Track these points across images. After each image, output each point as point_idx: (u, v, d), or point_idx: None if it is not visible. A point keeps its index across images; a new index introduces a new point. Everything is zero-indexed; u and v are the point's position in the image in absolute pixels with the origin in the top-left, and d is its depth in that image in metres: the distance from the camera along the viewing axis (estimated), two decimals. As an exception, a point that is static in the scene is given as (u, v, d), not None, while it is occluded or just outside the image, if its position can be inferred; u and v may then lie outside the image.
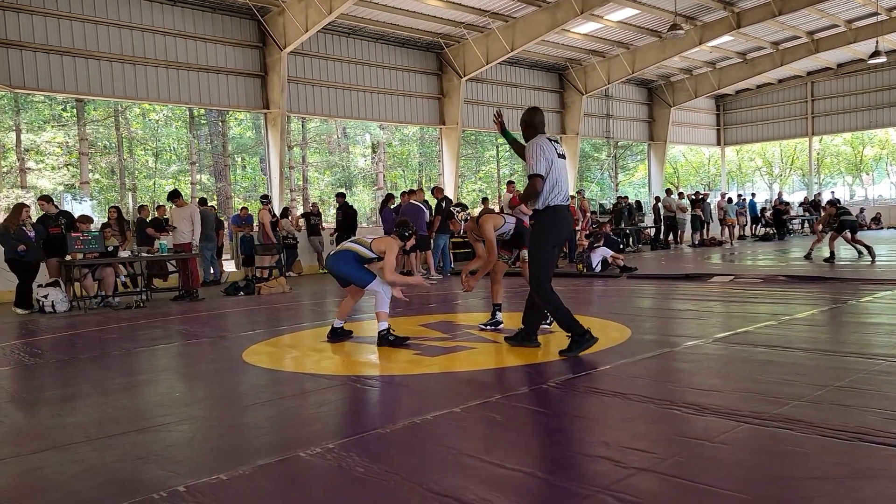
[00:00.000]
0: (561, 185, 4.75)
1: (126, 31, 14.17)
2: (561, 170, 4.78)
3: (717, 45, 22.37)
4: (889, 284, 7.98)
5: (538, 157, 4.66)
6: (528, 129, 4.92)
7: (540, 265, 4.77)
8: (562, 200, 4.77)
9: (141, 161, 25.86)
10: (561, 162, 4.81)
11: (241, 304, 9.75)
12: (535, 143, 4.73)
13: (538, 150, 4.68)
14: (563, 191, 4.78)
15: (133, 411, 3.91)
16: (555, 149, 4.76)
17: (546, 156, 4.68)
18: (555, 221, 4.75)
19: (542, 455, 2.87)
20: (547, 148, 4.71)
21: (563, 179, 4.77)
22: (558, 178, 4.73)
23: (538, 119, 4.95)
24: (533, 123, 4.91)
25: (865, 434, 2.77)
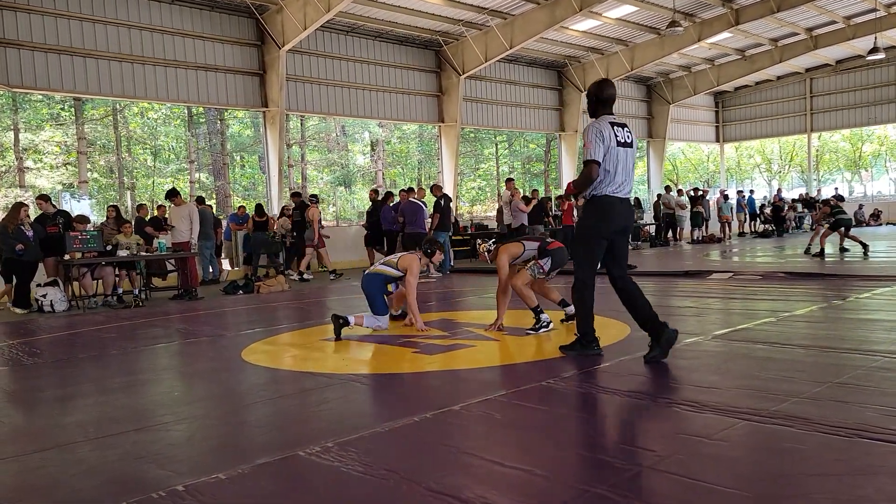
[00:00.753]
0: (617, 175, 4.29)
1: (124, 30, 14.14)
2: (621, 158, 4.31)
3: (716, 41, 22.34)
4: (888, 281, 7.98)
5: (596, 142, 4.23)
6: (596, 104, 4.43)
7: (584, 255, 4.41)
8: (615, 191, 4.31)
9: (140, 160, 25.84)
10: (623, 150, 4.34)
11: (240, 302, 9.75)
12: (593, 126, 4.29)
13: (596, 134, 4.25)
14: (621, 181, 4.32)
15: (132, 410, 3.91)
16: (616, 134, 4.29)
17: (605, 142, 4.24)
18: (600, 213, 4.33)
19: (541, 453, 2.87)
20: (607, 133, 4.26)
21: (621, 169, 4.31)
22: (616, 166, 4.28)
23: (608, 93, 4.42)
24: (603, 98, 4.40)
25: (865, 431, 2.77)
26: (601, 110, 4.41)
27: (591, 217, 4.39)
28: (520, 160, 34.17)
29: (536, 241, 5.97)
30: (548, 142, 30.65)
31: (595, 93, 4.41)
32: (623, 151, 4.33)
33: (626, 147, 4.35)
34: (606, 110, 4.41)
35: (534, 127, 23.47)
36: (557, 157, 25.44)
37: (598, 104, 4.41)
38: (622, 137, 4.33)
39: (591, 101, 4.45)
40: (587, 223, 4.42)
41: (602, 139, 4.24)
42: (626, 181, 4.37)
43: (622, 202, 4.36)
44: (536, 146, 33.11)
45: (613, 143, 4.28)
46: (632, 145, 4.41)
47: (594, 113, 4.43)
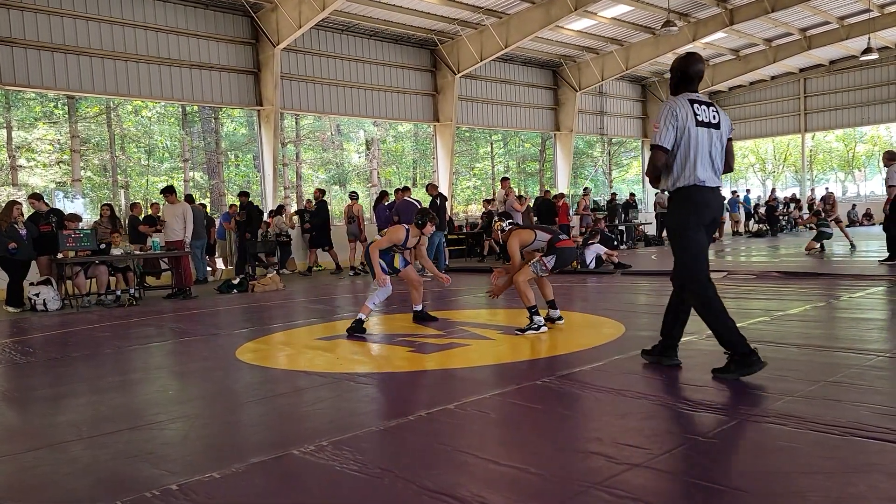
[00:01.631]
0: (698, 161, 3.75)
1: (118, 28, 14.08)
2: (703, 141, 3.75)
3: (711, 41, 22.39)
4: (881, 280, 8.02)
5: (666, 123, 3.73)
6: (679, 81, 3.92)
7: (682, 252, 3.87)
8: (699, 180, 3.76)
9: (134, 158, 25.74)
10: (706, 132, 3.76)
11: (234, 301, 9.72)
12: (666, 105, 3.79)
13: (667, 115, 3.74)
14: (704, 168, 3.77)
15: (126, 409, 3.90)
16: (696, 113, 3.75)
17: (678, 122, 3.72)
18: (684, 206, 3.82)
19: (535, 451, 2.87)
20: (681, 112, 3.73)
21: (703, 153, 3.76)
22: (696, 150, 3.74)
23: (695, 69, 3.87)
24: (689, 75, 3.87)
25: (858, 429, 2.78)
26: (683, 87, 3.89)
27: (681, 210, 3.86)
28: (515, 159, 34.20)
29: (549, 234, 5.79)
30: (543, 141, 30.68)
31: (679, 67, 3.89)
32: (706, 133, 3.76)
33: (709, 128, 3.79)
34: (690, 88, 3.88)
35: (529, 126, 23.48)
36: (552, 157, 25.46)
37: (681, 81, 3.89)
38: (704, 116, 3.77)
39: (673, 77, 3.94)
40: (675, 220, 3.91)
41: (675, 120, 3.72)
42: (712, 167, 3.82)
43: (711, 192, 3.83)
44: (531, 145, 33.14)
45: (691, 123, 3.73)
46: (718, 126, 3.81)
47: (674, 90, 3.93)
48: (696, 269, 3.83)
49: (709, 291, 3.81)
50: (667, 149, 3.73)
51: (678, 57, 3.96)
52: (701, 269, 3.83)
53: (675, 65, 3.92)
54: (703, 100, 3.84)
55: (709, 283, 3.85)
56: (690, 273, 3.84)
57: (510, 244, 5.75)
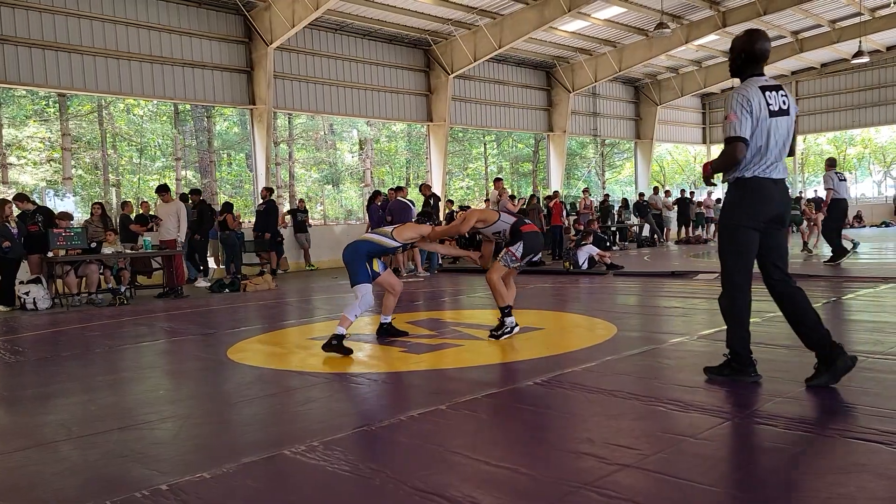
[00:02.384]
0: (770, 151, 3.47)
1: (110, 26, 14.01)
2: (774, 130, 3.47)
3: (703, 43, 22.48)
4: (871, 282, 8.07)
5: (742, 113, 3.40)
6: (744, 62, 3.58)
7: (726, 247, 3.62)
8: (767, 171, 3.49)
9: (125, 157, 25.62)
10: (777, 120, 3.48)
11: (226, 301, 9.69)
12: (738, 93, 3.46)
13: (742, 104, 3.41)
14: (773, 158, 3.50)
15: (116, 409, 3.88)
16: (768, 102, 3.45)
17: (753, 111, 3.41)
18: (748, 198, 3.52)
19: (526, 452, 2.88)
20: (756, 101, 3.42)
21: (774, 143, 3.48)
22: (768, 140, 3.46)
23: (761, 48, 3.55)
24: (755, 54, 3.54)
25: (847, 430, 2.80)
26: (749, 69, 3.56)
27: (736, 204, 3.55)
28: (508, 160, 34.23)
29: (513, 218, 5.55)
30: (536, 142, 30.72)
31: (743, 47, 3.55)
32: (777, 121, 3.48)
33: (780, 115, 3.50)
34: (756, 70, 3.56)
35: (522, 127, 23.51)
36: (546, 158, 25.50)
37: (747, 62, 3.56)
38: (776, 104, 3.48)
39: (736, 58, 3.60)
40: (732, 212, 3.57)
41: (749, 110, 3.42)
42: (781, 158, 3.55)
43: (776, 184, 3.54)
44: (525, 146, 33.17)
45: (765, 114, 3.45)
46: (788, 112, 3.52)
47: (739, 72, 3.60)
48: (735, 268, 3.58)
49: (741, 299, 3.61)
50: (747, 140, 3.40)
51: (740, 36, 3.60)
52: (740, 270, 3.57)
53: (736, 45, 3.57)
54: (771, 84, 3.54)
55: (746, 290, 3.60)
56: (735, 275, 3.59)
57: (467, 214, 5.56)
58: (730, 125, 3.42)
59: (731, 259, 3.60)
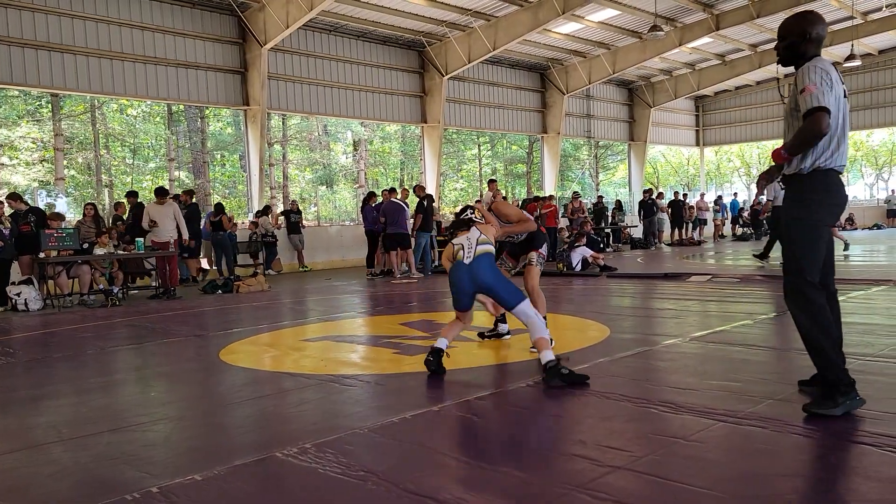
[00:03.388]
0: (844, 139, 3.15)
1: (103, 26, 13.96)
2: (846, 116, 3.16)
3: (697, 46, 22.56)
4: (862, 284, 8.11)
5: (822, 84, 2.99)
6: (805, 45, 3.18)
7: (808, 248, 3.13)
8: (841, 163, 3.16)
9: (118, 157, 25.52)
10: (846, 105, 3.17)
11: (218, 302, 9.67)
12: (815, 65, 3.07)
13: (822, 75, 3.02)
14: (845, 148, 3.19)
15: (107, 411, 3.86)
16: (842, 81, 3.13)
17: (834, 86, 3.04)
18: (828, 192, 3.15)
19: (518, 454, 2.88)
20: (834, 75, 3.06)
21: (846, 130, 3.17)
22: (842, 126, 3.12)
23: (819, 33, 3.19)
24: (815, 38, 3.18)
25: (838, 432, 2.81)
26: (811, 52, 3.18)
27: (813, 200, 3.12)
28: (502, 162, 34.27)
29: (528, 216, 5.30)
30: (530, 144, 30.78)
31: (802, 32, 3.17)
32: (846, 108, 3.17)
33: (846, 104, 3.18)
34: (818, 54, 3.20)
35: (516, 129, 23.54)
36: (540, 159, 25.54)
37: (808, 44, 3.17)
38: (844, 86, 3.17)
39: (792, 42, 3.20)
40: (810, 209, 3.12)
41: (830, 84, 3.02)
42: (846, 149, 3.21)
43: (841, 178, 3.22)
44: (519, 148, 33.23)
45: (841, 93, 3.10)
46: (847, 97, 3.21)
47: (801, 55, 3.19)
48: (812, 271, 3.12)
49: (823, 313, 3.12)
50: (830, 111, 2.97)
51: (797, 17, 3.22)
52: (815, 273, 3.14)
53: (792, 27, 3.19)
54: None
55: (823, 302, 3.15)
56: (810, 284, 3.11)
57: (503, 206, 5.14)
58: (809, 96, 2.98)
59: (810, 268, 3.12)
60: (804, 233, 3.13)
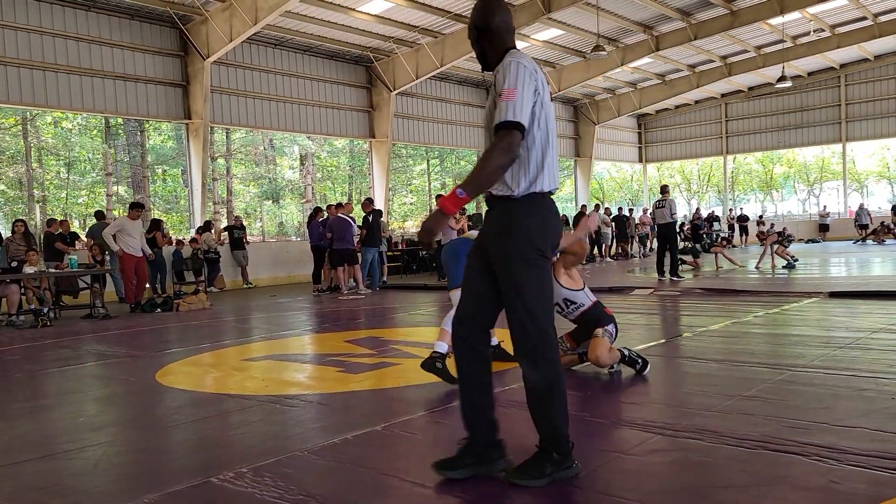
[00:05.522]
0: (555, 157, 2.62)
1: (36, 36, 13.49)
2: (552, 126, 2.62)
3: (638, 66, 23.25)
4: (796, 296, 8.42)
5: (525, 86, 2.43)
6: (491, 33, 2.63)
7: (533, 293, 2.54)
8: (553, 184, 2.61)
9: (52, 172, 24.59)
10: (553, 115, 2.66)
11: (157, 321, 9.37)
12: (517, 62, 2.49)
13: (526, 75, 2.46)
14: (556, 168, 2.65)
15: (34, 438, 3.67)
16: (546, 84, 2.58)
17: (538, 90, 2.49)
18: (543, 217, 2.57)
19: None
20: (540, 77, 2.52)
21: (554, 144, 2.62)
22: (550, 138, 2.58)
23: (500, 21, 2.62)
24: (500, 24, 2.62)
25: (768, 442, 2.89)
26: (506, 42, 2.64)
27: (529, 226, 2.53)
28: (451, 177, 34.46)
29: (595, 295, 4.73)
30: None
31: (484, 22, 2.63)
32: (552, 114, 2.65)
33: (552, 110, 2.67)
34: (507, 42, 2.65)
35: (465, 144, 23.73)
36: (487, 175, 25.74)
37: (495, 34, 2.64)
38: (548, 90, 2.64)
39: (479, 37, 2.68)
40: (528, 235, 2.53)
41: (535, 85, 2.48)
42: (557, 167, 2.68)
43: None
44: (467, 163, 33.46)
45: (547, 98, 2.57)
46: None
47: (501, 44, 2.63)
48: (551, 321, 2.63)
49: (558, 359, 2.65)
50: (525, 127, 2.45)
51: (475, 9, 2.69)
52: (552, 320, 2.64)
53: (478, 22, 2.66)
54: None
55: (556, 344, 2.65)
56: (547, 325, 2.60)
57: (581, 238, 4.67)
58: (506, 104, 2.41)
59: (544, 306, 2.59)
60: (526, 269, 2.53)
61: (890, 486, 2.39)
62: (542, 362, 2.55)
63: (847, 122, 26.58)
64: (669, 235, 12.13)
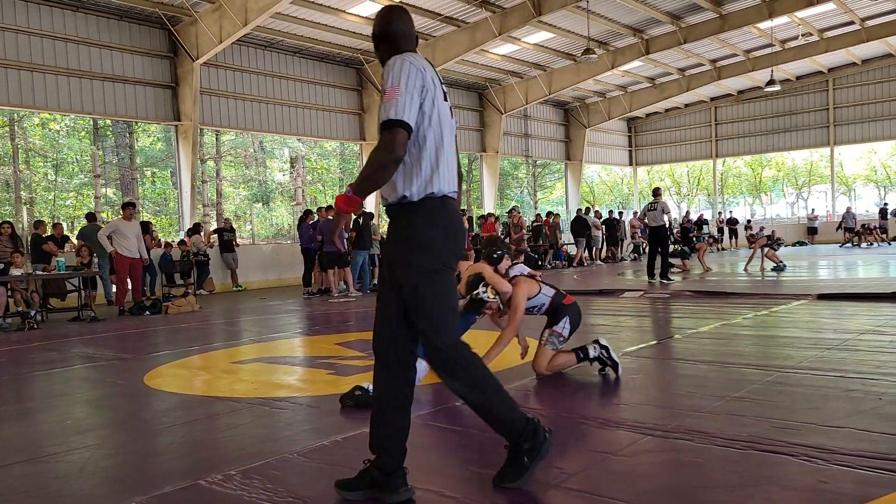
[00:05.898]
0: (451, 156, 2.50)
1: (24, 37, 13.40)
2: (448, 127, 2.51)
3: (628, 69, 23.36)
4: (785, 299, 8.47)
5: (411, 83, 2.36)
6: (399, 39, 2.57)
7: (439, 305, 2.47)
8: (450, 187, 2.49)
9: (39, 173, 24.41)
10: (447, 111, 2.53)
11: (146, 324, 9.31)
12: (404, 59, 2.42)
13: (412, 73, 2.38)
14: (453, 168, 2.53)
15: (20, 441, 3.64)
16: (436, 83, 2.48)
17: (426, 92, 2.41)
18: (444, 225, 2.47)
19: (452, 474, 2.85)
20: (429, 76, 2.44)
21: (450, 144, 2.50)
22: (444, 138, 2.47)
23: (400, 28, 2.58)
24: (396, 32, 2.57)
25: (757, 443, 2.90)
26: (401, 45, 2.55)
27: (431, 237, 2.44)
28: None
29: (553, 288, 4.65)
30: (469, 161, 31.06)
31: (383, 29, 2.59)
32: (447, 113, 2.53)
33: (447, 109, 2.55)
34: (406, 47, 2.55)
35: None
36: (479, 177, 25.79)
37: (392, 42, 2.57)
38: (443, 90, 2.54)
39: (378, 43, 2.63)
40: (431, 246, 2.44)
41: (422, 83, 2.40)
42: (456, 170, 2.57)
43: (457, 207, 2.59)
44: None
45: (439, 96, 2.47)
46: (451, 114, 2.58)
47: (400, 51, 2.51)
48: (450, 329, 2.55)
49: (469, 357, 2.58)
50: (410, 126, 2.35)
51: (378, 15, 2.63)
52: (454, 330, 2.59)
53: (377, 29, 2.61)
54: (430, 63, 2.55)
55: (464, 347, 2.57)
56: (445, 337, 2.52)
57: (518, 295, 4.48)
58: (389, 102, 2.35)
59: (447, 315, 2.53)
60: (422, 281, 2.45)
61: (877, 486, 2.40)
62: (458, 370, 2.53)
63: (835, 126, 26.81)
64: (661, 238, 12.16)
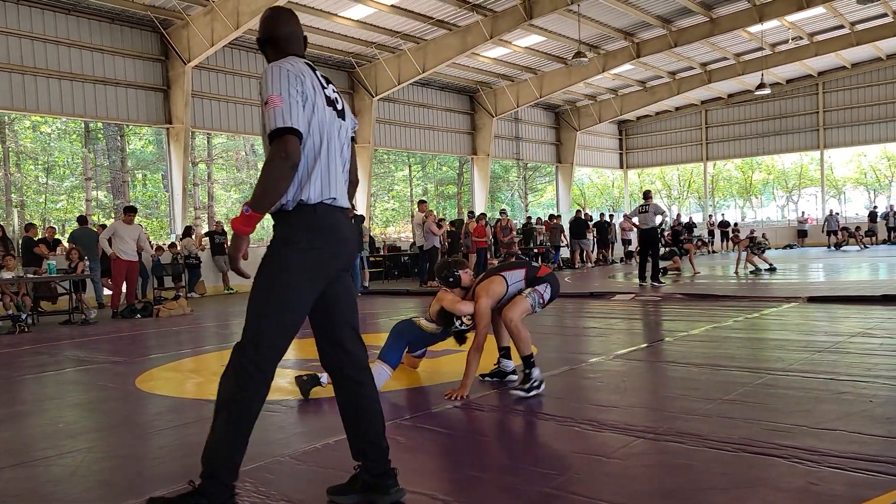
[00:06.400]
0: (332, 161, 2.40)
1: (14, 39, 13.32)
2: (334, 132, 2.42)
3: (619, 73, 23.46)
4: (775, 301, 8.52)
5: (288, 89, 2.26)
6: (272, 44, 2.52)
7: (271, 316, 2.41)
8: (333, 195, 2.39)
9: (30, 176, 24.27)
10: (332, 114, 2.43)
11: (137, 327, 9.27)
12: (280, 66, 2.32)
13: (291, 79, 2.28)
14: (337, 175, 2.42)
15: (11, 445, 3.62)
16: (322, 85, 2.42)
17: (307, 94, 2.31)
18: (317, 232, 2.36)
19: (444, 477, 2.86)
20: (309, 81, 2.34)
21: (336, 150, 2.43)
22: (328, 144, 2.38)
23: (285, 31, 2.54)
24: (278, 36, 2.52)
25: (748, 445, 2.92)
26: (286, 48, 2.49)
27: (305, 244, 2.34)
28: (433, 182, 34.49)
29: (521, 269, 4.49)
30: (460, 165, 31.10)
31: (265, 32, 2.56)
32: (332, 115, 2.44)
33: (335, 112, 2.46)
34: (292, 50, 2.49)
35: (446, 150, 23.77)
36: (470, 180, 25.83)
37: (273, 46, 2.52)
38: (329, 92, 2.46)
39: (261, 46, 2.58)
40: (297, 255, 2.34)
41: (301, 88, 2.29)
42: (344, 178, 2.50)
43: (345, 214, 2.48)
44: (449, 169, 33.53)
45: (319, 102, 2.37)
46: (344, 114, 2.51)
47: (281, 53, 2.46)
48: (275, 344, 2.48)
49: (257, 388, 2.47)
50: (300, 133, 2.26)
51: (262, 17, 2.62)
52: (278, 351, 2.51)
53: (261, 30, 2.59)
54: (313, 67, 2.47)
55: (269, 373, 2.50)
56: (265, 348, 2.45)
57: (480, 307, 4.27)
58: (274, 111, 2.24)
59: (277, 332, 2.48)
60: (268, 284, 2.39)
61: (868, 488, 2.42)
62: (230, 371, 2.37)
63: (825, 129, 27.00)
64: (652, 241, 12.20)
